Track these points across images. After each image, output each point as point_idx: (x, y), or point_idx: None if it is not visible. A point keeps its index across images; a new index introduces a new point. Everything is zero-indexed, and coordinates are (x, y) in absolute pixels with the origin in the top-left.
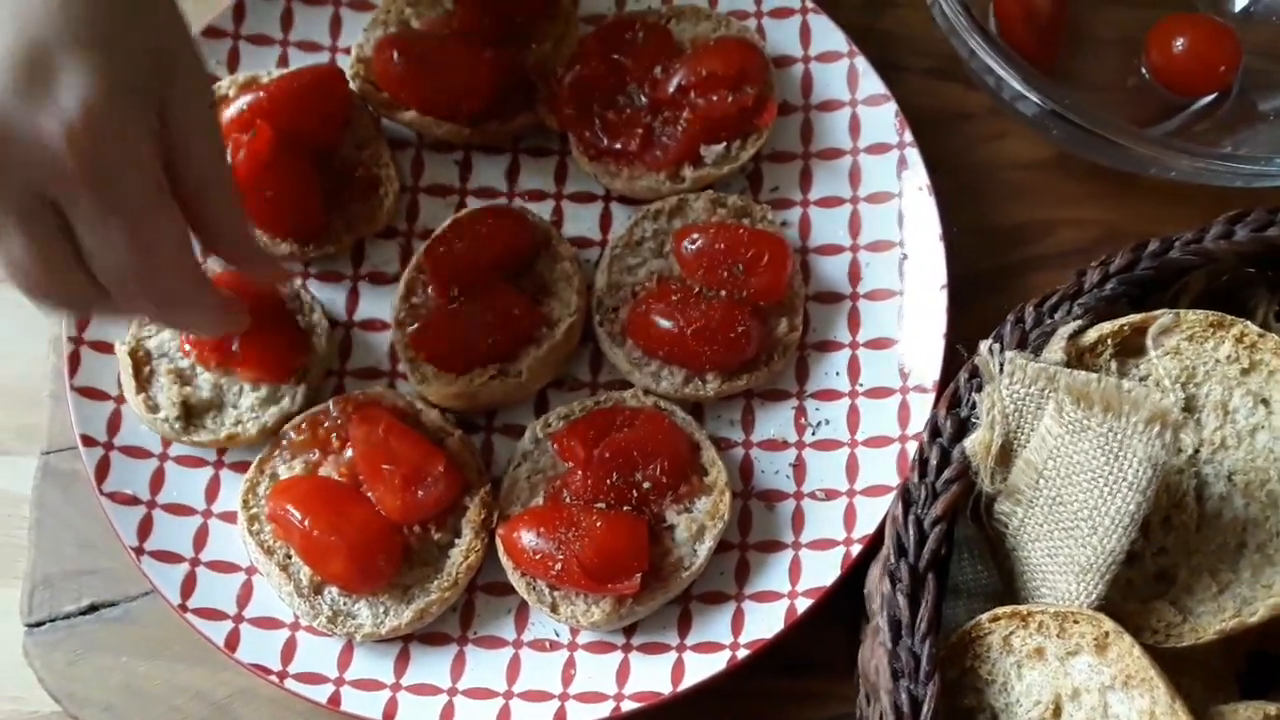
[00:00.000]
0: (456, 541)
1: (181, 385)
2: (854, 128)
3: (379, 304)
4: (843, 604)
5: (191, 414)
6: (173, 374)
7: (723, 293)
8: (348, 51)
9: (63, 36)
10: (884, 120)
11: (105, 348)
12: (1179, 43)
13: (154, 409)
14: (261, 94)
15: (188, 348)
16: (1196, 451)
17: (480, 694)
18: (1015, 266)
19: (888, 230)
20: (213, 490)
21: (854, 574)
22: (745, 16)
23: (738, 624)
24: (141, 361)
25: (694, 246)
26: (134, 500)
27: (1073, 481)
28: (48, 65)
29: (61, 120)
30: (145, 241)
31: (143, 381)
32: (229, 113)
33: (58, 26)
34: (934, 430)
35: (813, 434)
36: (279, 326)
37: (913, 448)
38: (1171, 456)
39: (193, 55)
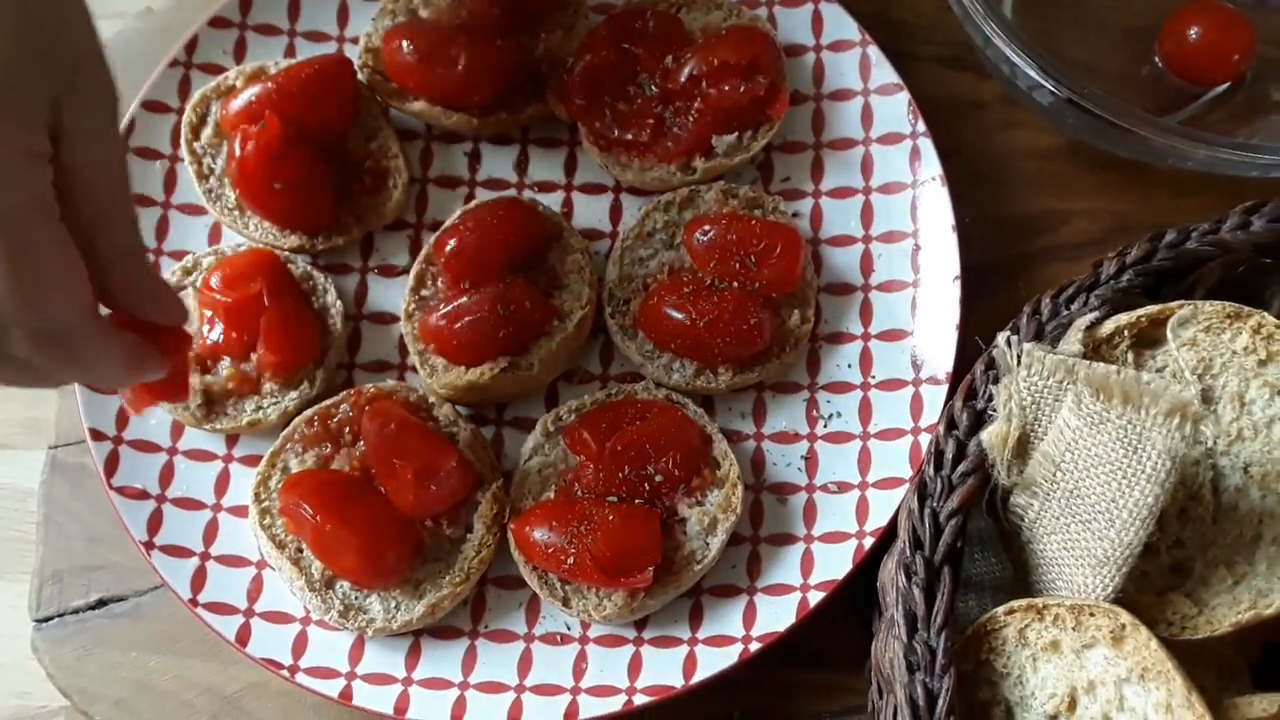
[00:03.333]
0: (468, 536)
1: (202, 373)
2: (866, 117)
3: (388, 296)
4: (855, 597)
5: (213, 401)
6: (192, 361)
7: (734, 284)
8: (355, 41)
9: None
10: (897, 110)
11: None
12: (1193, 32)
13: None
14: (269, 85)
15: (208, 337)
16: (1213, 443)
17: (492, 688)
18: (1028, 257)
19: (900, 221)
20: (222, 484)
21: (866, 567)
22: (756, 5)
23: (749, 617)
24: None
25: (705, 238)
26: (144, 495)
27: (1090, 474)
28: None
29: None
30: (29, 265)
31: None
32: (236, 104)
33: None
34: (950, 422)
35: (825, 426)
36: (295, 311)
37: (925, 440)
38: (1190, 449)
39: (98, 67)
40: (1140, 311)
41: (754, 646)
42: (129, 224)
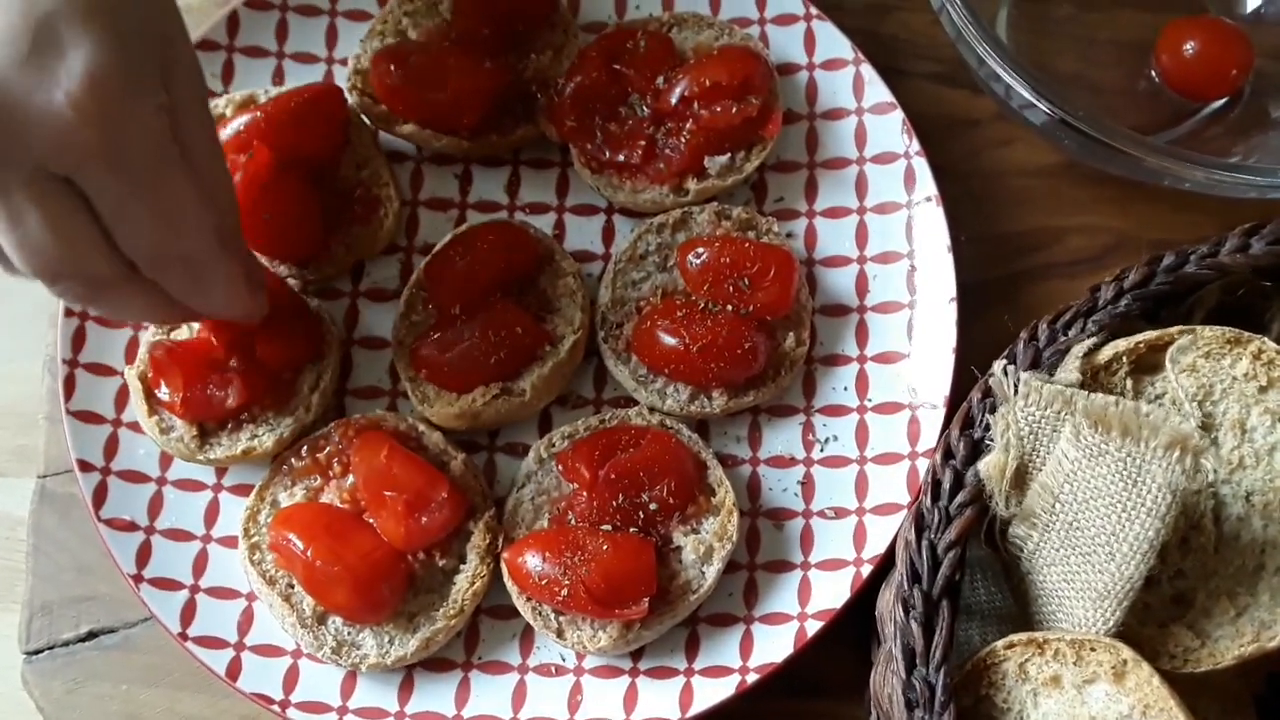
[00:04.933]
0: (461, 567)
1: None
2: (860, 136)
3: (379, 321)
4: (853, 623)
5: (206, 432)
6: None
7: (728, 307)
8: (344, 63)
9: (67, 10)
10: (890, 128)
11: (102, 370)
12: (1189, 46)
13: (167, 430)
14: (259, 114)
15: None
16: (1215, 472)
17: None
18: (1024, 275)
19: (895, 241)
20: (212, 515)
21: (864, 593)
22: (748, 24)
23: (746, 647)
24: (151, 384)
25: (699, 261)
26: (132, 526)
27: (1090, 506)
28: (52, 39)
29: (66, 90)
30: (167, 202)
31: (154, 404)
32: (226, 133)
33: (62, 1)
34: (947, 452)
35: (821, 450)
36: (293, 309)
37: (923, 464)
38: (1191, 482)
39: (188, 43)
40: (1138, 337)
41: (751, 678)
42: (230, 187)
